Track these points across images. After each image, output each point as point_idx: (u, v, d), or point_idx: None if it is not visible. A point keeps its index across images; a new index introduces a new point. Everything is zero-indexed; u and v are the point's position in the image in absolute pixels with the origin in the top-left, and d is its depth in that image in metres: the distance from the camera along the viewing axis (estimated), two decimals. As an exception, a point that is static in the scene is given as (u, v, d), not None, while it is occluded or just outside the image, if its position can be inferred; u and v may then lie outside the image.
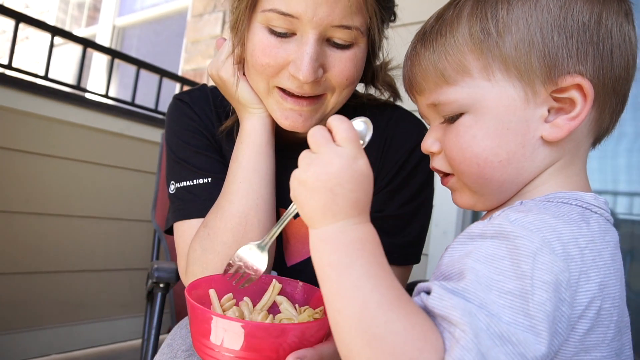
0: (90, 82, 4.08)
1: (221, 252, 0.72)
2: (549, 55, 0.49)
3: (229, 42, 0.79)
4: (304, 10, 0.66)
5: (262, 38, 0.70)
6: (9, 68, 1.82)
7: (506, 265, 0.41)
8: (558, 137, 0.50)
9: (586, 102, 0.49)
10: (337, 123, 0.47)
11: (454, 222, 1.81)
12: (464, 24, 0.52)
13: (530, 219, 0.44)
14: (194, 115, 0.85)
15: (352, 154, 0.45)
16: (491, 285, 0.40)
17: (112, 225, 2.10)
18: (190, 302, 0.53)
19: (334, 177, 0.44)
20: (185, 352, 0.66)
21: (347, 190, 0.44)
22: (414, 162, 0.85)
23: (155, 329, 1.06)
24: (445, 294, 0.40)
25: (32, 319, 1.86)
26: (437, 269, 0.47)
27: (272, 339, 0.51)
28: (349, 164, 0.44)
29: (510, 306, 0.39)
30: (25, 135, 1.78)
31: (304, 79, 0.68)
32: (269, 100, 0.75)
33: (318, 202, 0.44)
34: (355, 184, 0.44)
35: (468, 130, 0.52)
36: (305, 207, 0.46)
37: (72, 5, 5.22)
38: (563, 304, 0.41)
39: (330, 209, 0.44)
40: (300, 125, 0.75)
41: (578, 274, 0.42)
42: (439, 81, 0.54)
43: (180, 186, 0.82)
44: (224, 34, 3.12)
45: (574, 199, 0.49)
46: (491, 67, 0.50)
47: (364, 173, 0.45)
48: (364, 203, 0.45)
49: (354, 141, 0.46)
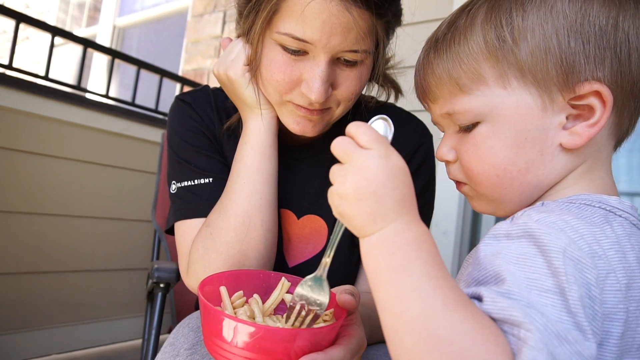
0: (90, 82, 4.08)
1: (224, 252, 0.73)
2: (566, 62, 0.48)
3: (238, 43, 0.79)
4: (318, 38, 0.68)
5: (277, 55, 0.72)
6: (10, 68, 1.82)
7: (539, 263, 0.40)
8: (577, 145, 0.49)
9: (605, 108, 0.48)
10: (356, 129, 0.45)
11: (454, 222, 1.81)
12: (478, 32, 0.51)
13: (553, 219, 0.43)
14: (195, 115, 0.86)
15: (382, 153, 0.43)
16: (530, 285, 0.39)
17: (112, 225, 2.09)
18: (202, 302, 0.54)
19: (374, 180, 0.42)
20: (187, 351, 0.66)
21: (389, 189, 0.42)
22: (416, 163, 0.86)
23: (155, 329, 1.06)
24: (497, 296, 0.38)
25: (32, 319, 1.86)
26: (468, 272, 0.46)
27: (283, 343, 0.50)
28: (383, 162, 0.42)
29: (553, 304, 0.38)
30: (25, 135, 1.78)
31: (316, 100, 0.71)
32: (281, 109, 0.77)
33: (365, 210, 0.42)
34: (396, 181, 0.42)
35: (485, 141, 0.51)
36: (353, 219, 0.43)
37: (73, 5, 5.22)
38: (594, 301, 0.40)
39: (379, 212, 0.42)
40: (310, 130, 0.77)
41: (605, 272, 0.41)
42: (453, 90, 0.53)
43: (182, 186, 0.82)
44: (224, 34, 3.12)
45: (597, 201, 0.47)
46: (507, 74, 0.50)
47: (401, 167, 0.43)
48: (410, 198, 0.43)
49: (379, 140, 0.44)
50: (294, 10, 0.67)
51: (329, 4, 0.66)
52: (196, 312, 0.77)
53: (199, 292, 0.55)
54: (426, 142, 0.88)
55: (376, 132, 0.45)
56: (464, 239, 1.84)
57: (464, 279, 0.46)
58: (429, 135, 0.90)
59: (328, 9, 0.66)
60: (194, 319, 0.73)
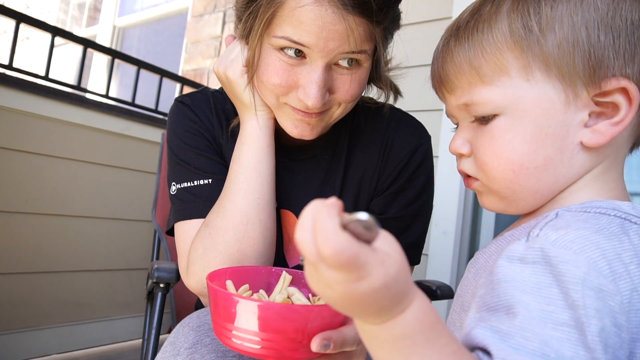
0: (90, 82, 4.08)
1: (223, 251, 0.73)
2: (594, 56, 0.45)
3: (238, 44, 0.80)
4: (315, 42, 0.68)
5: (274, 60, 0.72)
6: (10, 68, 1.82)
7: (555, 294, 0.38)
8: (599, 143, 0.47)
9: (631, 106, 0.45)
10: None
11: (454, 222, 1.81)
12: (503, 20, 0.48)
13: (572, 237, 0.40)
14: (195, 117, 0.86)
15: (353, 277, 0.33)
16: (545, 318, 0.37)
17: (112, 225, 2.10)
18: (213, 288, 0.54)
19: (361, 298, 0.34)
20: (187, 350, 0.66)
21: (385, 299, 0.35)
22: (415, 164, 0.86)
23: (155, 329, 1.06)
24: (506, 350, 0.36)
25: (32, 319, 1.86)
26: (480, 294, 0.43)
27: (298, 322, 0.51)
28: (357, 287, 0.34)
29: (569, 339, 0.36)
30: (25, 135, 1.78)
31: (312, 106, 0.71)
32: (279, 111, 0.77)
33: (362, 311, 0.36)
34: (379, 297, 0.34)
35: (503, 135, 0.49)
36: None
37: (73, 5, 5.22)
38: (621, 329, 0.38)
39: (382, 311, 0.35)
40: (308, 133, 0.77)
41: (630, 292, 0.39)
42: (473, 80, 0.50)
43: (181, 187, 0.82)
44: (224, 34, 3.12)
45: (612, 209, 0.45)
46: (531, 66, 0.47)
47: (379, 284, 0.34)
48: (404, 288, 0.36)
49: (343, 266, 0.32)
50: (291, 15, 0.67)
51: (325, 11, 0.66)
52: (196, 312, 0.77)
53: (208, 282, 0.56)
54: (425, 142, 0.88)
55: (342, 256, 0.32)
56: (463, 239, 1.84)
57: (475, 300, 0.44)
58: (428, 136, 0.90)
59: (324, 17, 0.66)
60: (195, 319, 0.74)
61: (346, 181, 0.87)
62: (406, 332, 0.36)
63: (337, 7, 0.66)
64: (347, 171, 0.87)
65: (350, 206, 0.87)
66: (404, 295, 0.35)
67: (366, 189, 0.87)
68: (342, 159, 0.88)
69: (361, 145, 0.88)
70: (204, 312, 0.75)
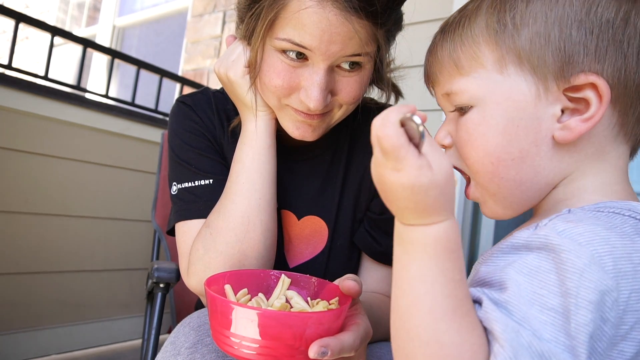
0: (90, 82, 4.08)
1: (223, 252, 0.73)
2: (564, 51, 0.47)
3: (239, 44, 0.79)
4: (317, 45, 0.67)
5: (276, 61, 0.72)
6: (9, 68, 1.82)
7: (552, 280, 0.39)
8: (567, 140, 0.47)
9: (601, 103, 0.46)
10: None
11: (453, 223, 1.81)
12: (482, 16, 0.51)
13: (580, 230, 0.40)
14: (196, 117, 0.86)
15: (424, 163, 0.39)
16: (534, 299, 0.38)
17: (112, 225, 2.10)
18: (210, 294, 0.54)
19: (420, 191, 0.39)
20: (188, 350, 0.66)
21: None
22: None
23: (155, 329, 1.07)
24: (490, 305, 0.39)
25: (32, 319, 1.86)
26: (474, 276, 0.46)
27: (295, 328, 0.51)
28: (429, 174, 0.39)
29: (553, 323, 0.37)
30: (25, 135, 1.78)
31: (314, 108, 0.71)
32: (280, 112, 0.77)
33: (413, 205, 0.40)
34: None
35: (477, 127, 0.50)
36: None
37: (72, 5, 5.22)
38: (606, 323, 0.38)
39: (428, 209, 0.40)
40: (310, 135, 0.77)
41: (629, 292, 0.39)
42: (452, 71, 0.53)
43: (182, 187, 0.82)
44: (224, 34, 3.12)
45: (627, 209, 0.45)
46: (505, 59, 0.49)
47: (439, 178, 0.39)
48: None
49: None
50: (293, 17, 0.67)
51: (328, 13, 0.66)
52: (197, 312, 0.77)
53: (206, 288, 0.56)
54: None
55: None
56: (464, 238, 1.84)
57: (473, 280, 0.46)
58: (428, 136, 0.90)
59: (327, 19, 0.66)
60: (195, 318, 0.74)
61: (347, 181, 0.87)
62: (424, 243, 0.39)
63: (340, 9, 0.66)
64: (347, 172, 0.87)
65: (350, 206, 0.87)
66: (432, 210, 0.39)
67: (367, 189, 0.87)
68: (342, 159, 0.88)
69: (362, 146, 0.88)
70: (205, 312, 0.75)
